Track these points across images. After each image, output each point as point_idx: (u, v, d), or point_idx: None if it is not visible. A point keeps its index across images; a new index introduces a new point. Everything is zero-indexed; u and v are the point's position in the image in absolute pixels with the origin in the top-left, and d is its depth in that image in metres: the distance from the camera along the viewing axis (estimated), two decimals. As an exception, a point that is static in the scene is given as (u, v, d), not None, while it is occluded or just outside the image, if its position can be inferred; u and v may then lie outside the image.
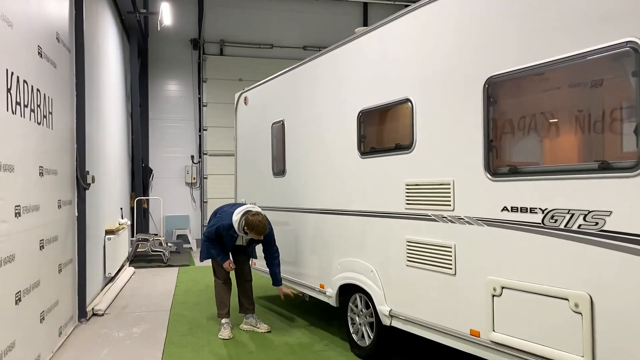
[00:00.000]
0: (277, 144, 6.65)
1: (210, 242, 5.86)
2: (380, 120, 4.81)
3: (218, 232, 5.78)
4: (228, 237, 5.80)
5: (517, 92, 3.52)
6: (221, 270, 5.97)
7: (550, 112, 3.29)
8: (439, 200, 4.00)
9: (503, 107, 3.58)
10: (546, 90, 3.38)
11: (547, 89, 3.37)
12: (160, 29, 13.01)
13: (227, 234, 5.77)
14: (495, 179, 3.52)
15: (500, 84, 3.52)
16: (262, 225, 5.59)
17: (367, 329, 4.98)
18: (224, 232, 5.75)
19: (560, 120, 3.24)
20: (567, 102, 3.27)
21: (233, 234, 5.77)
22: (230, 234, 5.77)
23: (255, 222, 5.56)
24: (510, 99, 3.58)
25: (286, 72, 6.43)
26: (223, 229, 5.74)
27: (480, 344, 3.65)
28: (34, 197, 4.49)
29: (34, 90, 4.55)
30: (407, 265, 4.34)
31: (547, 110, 3.31)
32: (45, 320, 4.83)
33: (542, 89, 3.40)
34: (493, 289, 3.53)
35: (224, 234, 5.77)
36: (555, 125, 3.25)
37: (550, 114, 3.29)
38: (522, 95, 3.51)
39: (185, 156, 14.64)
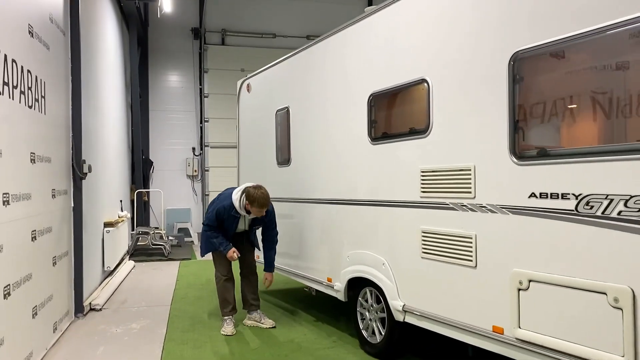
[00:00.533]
0: (282, 132, 6.37)
1: (212, 231, 5.56)
2: (393, 103, 4.53)
3: (219, 217, 5.48)
4: (230, 220, 5.50)
5: (547, 68, 3.23)
6: (222, 265, 5.66)
7: (585, 89, 3.01)
8: (458, 187, 3.72)
9: (531, 85, 3.29)
10: (580, 65, 3.09)
11: (581, 64, 3.09)
12: (161, 16, 12.73)
13: (229, 216, 5.47)
14: (522, 162, 3.24)
15: (527, 59, 3.24)
16: (265, 197, 5.32)
17: (378, 324, 4.71)
18: (225, 215, 5.46)
19: (596, 97, 2.95)
20: (606, 78, 2.97)
21: (235, 215, 5.46)
22: (232, 215, 5.47)
23: (257, 194, 5.30)
24: (539, 76, 3.29)
25: (291, 57, 6.14)
26: (224, 211, 5.45)
27: (504, 341, 3.38)
28: (24, 185, 4.22)
29: (24, 71, 4.27)
30: (422, 258, 4.07)
31: (581, 88, 3.03)
32: (38, 316, 4.57)
33: (576, 64, 3.11)
34: (519, 282, 3.26)
35: (225, 216, 5.47)
36: (591, 103, 2.96)
37: (584, 91, 3.01)
38: (553, 72, 3.21)
39: (187, 148, 14.36)
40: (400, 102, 4.44)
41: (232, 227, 5.59)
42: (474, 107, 3.59)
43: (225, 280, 5.67)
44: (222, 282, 5.68)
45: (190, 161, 14.31)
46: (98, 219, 7.69)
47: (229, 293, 5.67)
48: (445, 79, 3.84)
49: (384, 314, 4.61)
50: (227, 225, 5.55)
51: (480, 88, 3.54)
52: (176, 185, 14.11)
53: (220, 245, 5.54)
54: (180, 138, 14.31)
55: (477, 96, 3.56)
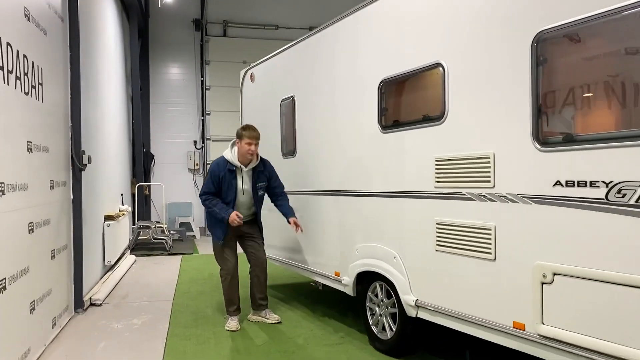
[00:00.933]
0: (287, 122, 6.19)
1: (210, 199, 5.27)
2: (405, 90, 4.34)
3: (215, 178, 5.25)
4: (227, 178, 5.25)
5: (573, 49, 3.04)
6: (228, 261, 5.40)
7: (616, 70, 2.82)
8: (475, 176, 3.53)
9: (555, 67, 3.10)
10: (610, 45, 2.90)
11: (611, 44, 2.89)
12: (161, 7, 12.53)
13: (225, 174, 5.25)
14: (546, 149, 3.05)
15: (552, 40, 3.05)
16: (252, 126, 5.33)
17: (389, 320, 4.54)
18: (221, 172, 5.24)
19: (627, 78, 2.76)
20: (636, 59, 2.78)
21: (230, 168, 5.26)
22: (228, 170, 5.25)
23: (243, 126, 5.36)
24: (565, 57, 3.09)
25: (297, 44, 5.95)
26: (218, 168, 5.27)
27: (526, 337, 3.20)
28: (21, 175, 4.04)
29: (20, 55, 4.09)
30: (436, 251, 3.89)
31: (611, 68, 2.84)
32: (36, 311, 4.40)
33: (605, 44, 2.92)
34: (542, 275, 3.08)
35: (221, 174, 5.24)
36: (622, 85, 2.77)
37: (615, 72, 2.82)
38: (580, 52, 3.02)
39: (188, 141, 14.17)
40: (413, 88, 4.25)
41: (231, 188, 5.28)
42: (493, 91, 3.41)
43: (232, 279, 5.43)
44: (228, 281, 5.42)
45: (192, 154, 14.12)
46: (98, 212, 7.52)
47: (234, 293, 5.44)
48: (462, 63, 3.64)
49: (395, 309, 4.44)
50: (226, 187, 5.27)
51: (500, 71, 3.35)
52: (177, 179, 13.92)
53: (220, 211, 5.21)
54: (182, 131, 14.11)
55: (497, 80, 3.37)
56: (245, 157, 5.28)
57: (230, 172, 5.28)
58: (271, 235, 6.05)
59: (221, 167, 5.28)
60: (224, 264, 5.44)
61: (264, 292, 5.62)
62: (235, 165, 5.29)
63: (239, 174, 5.33)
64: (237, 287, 5.47)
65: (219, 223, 5.32)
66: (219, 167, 5.29)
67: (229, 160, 5.28)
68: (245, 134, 5.24)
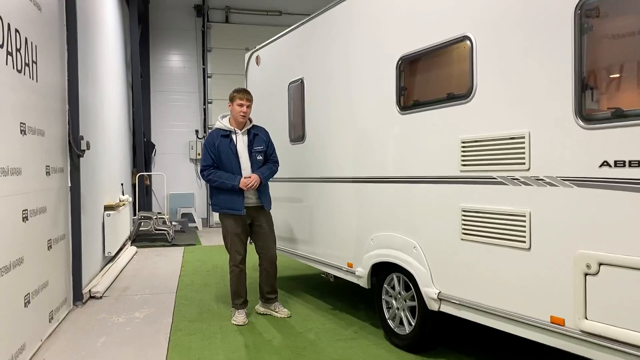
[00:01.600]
0: (295, 106, 5.88)
1: (213, 172, 4.95)
2: (427, 67, 4.03)
3: (210, 148, 4.98)
4: (224, 146, 4.97)
5: (623, 14, 2.74)
6: (236, 251, 5.07)
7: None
8: (508, 158, 3.24)
9: (602, 35, 2.80)
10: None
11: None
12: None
13: (221, 141, 4.98)
14: (592, 126, 2.76)
15: (598, 4, 2.74)
16: (243, 88, 5.28)
17: (408, 314, 4.26)
18: (216, 140, 4.97)
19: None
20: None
21: (224, 134, 5.01)
22: (223, 137, 4.99)
23: (235, 89, 5.19)
24: (613, 24, 2.79)
25: (306, 23, 5.63)
26: (212, 138, 5.03)
27: (565, 333, 2.92)
28: (13, 158, 3.75)
29: (11, 29, 3.78)
30: (462, 240, 3.60)
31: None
32: (31, 304, 4.12)
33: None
34: (586, 265, 2.79)
35: (217, 142, 4.97)
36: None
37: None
38: (631, 18, 2.71)
39: (190, 131, 13.84)
40: (436, 65, 3.95)
41: (231, 156, 4.97)
42: (528, 64, 3.10)
43: (239, 273, 5.13)
44: (236, 273, 5.12)
45: (194, 144, 13.80)
46: (98, 202, 7.24)
47: (242, 286, 5.15)
48: (492, 34, 3.34)
49: (414, 302, 4.16)
50: (225, 157, 4.96)
51: (537, 42, 3.04)
52: (179, 169, 13.62)
53: (228, 180, 4.90)
54: (183, 120, 13.77)
55: (533, 52, 3.07)
56: (237, 120, 5.04)
57: (224, 137, 5.00)
58: (277, 226, 5.75)
59: (214, 136, 5.03)
60: (233, 253, 5.12)
61: (274, 286, 5.33)
62: (229, 129, 5.02)
63: (235, 138, 5.03)
64: (244, 280, 5.19)
65: (231, 196, 4.97)
66: (212, 136, 5.06)
67: (221, 127, 5.04)
68: (236, 95, 5.04)
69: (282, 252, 6.18)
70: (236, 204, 4.97)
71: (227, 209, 5.02)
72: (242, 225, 5.08)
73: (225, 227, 5.09)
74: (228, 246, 5.14)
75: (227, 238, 5.13)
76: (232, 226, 5.05)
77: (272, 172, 5.18)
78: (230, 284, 5.18)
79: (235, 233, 5.06)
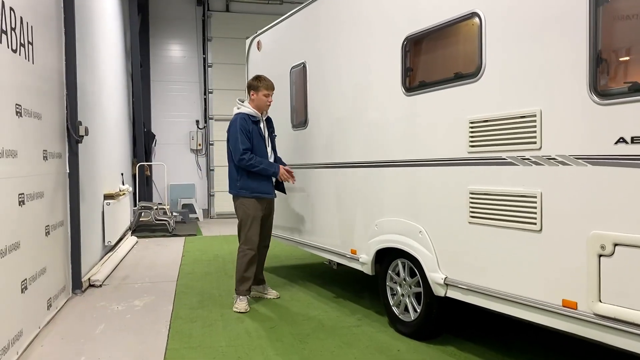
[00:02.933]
0: (297, 91, 5.78)
1: (254, 157, 4.93)
2: (433, 46, 3.92)
3: (246, 133, 4.94)
4: (255, 132, 5.02)
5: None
6: (254, 234, 5.01)
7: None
8: (518, 137, 3.13)
9: (619, 8, 2.68)
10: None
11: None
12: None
13: (253, 127, 5.01)
14: (607, 101, 2.65)
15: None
16: (264, 76, 5.19)
17: (413, 300, 4.17)
18: (249, 126, 4.99)
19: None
20: None
21: (253, 120, 5.04)
22: (253, 123, 5.02)
23: (256, 77, 5.17)
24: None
25: (309, 5, 5.51)
26: (247, 124, 4.97)
27: (578, 317, 2.83)
28: (8, 140, 3.64)
29: (5, 7, 3.67)
30: (469, 223, 3.50)
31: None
32: (28, 290, 4.03)
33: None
34: (600, 246, 2.69)
35: (249, 128, 4.98)
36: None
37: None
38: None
39: (190, 121, 13.72)
40: (443, 44, 3.83)
41: (261, 141, 5.08)
42: (540, 38, 2.99)
43: (252, 257, 5.04)
44: (248, 258, 5.02)
45: (194, 134, 13.69)
46: (97, 190, 7.14)
47: (251, 270, 5.06)
48: (502, 9, 3.22)
49: (419, 288, 4.07)
50: (257, 142, 5.02)
51: (550, 16, 2.93)
52: (180, 160, 13.51)
53: (269, 167, 5.00)
54: (184, 110, 13.65)
55: (545, 25, 2.96)
56: (261, 109, 5.13)
57: (254, 123, 5.05)
58: (278, 214, 5.66)
59: (248, 122, 5.01)
60: (249, 238, 5.04)
61: (262, 266, 5.47)
62: (258, 116, 5.10)
63: (262, 125, 5.14)
64: (254, 266, 5.11)
65: (264, 180, 5.06)
66: (246, 121, 5.01)
67: (251, 113, 5.06)
68: (261, 85, 5.08)
69: (284, 240, 6.10)
70: (268, 187, 5.12)
71: (259, 193, 5.05)
72: (262, 209, 5.09)
73: (247, 209, 5.03)
74: (247, 229, 5.05)
75: (246, 221, 5.05)
76: (255, 209, 5.04)
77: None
78: (239, 268, 5.06)
79: (257, 216, 5.05)
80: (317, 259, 6.61)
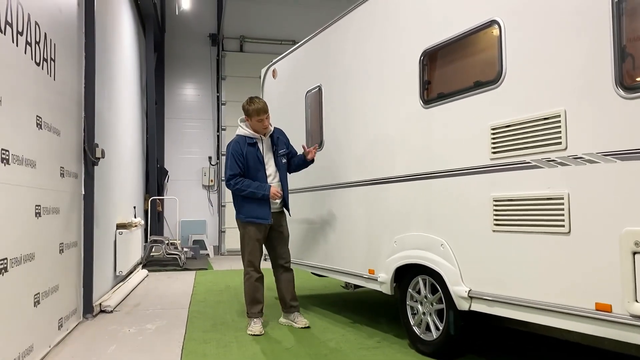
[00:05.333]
0: (313, 114, 5.80)
1: (241, 181, 4.79)
2: (451, 57, 3.93)
3: (237, 157, 4.80)
4: (251, 153, 4.85)
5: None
6: (254, 256, 4.92)
7: None
8: (542, 139, 3.09)
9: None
10: None
11: None
12: (178, 22, 12.39)
13: (248, 149, 4.85)
14: (633, 95, 2.62)
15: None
16: (255, 98, 5.00)
17: (435, 318, 4.03)
18: (243, 149, 4.82)
19: None
20: None
21: (250, 141, 4.88)
22: (249, 145, 4.87)
23: (248, 100, 4.96)
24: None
25: (324, 30, 5.61)
26: (238, 145, 4.85)
27: (613, 320, 2.70)
28: (28, 149, 3.65)
29: (31, 20, 3.75)
30: (494, 231, 3.42)
31: None
32: (40, 305, 3.95)
33: None
34: (634, 243, 2.60)
35: (244, 151, 4.82)
36: None
37: None
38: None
39: (203, 157, 13.80)
40: (461, 55, 3.84)
41: (259, 163, 4.88)
42: (561, 38, 2.99)
43: (257, 279, 4.94)
44: (253, 280, 4.93)
45: (207, 170, 13.74)
46: (110, 218, 7.11)
47: (259, 292, 4.95)
48: (522, 14, 3.24)
49: (441, 304, 3.94)
50: (252, 164, 4.86)
51: (569, 12, 2.94)
52: (191, 196, 13.49)
53: (257, 190, 4.78)
54: (197, 146, 13.76)
55: (565, 23, 2.96)
56: (261, 133, 4.97)
57: (250, 145, 4.89)
58: (294, 239, 5.57)
59: (241, 143, 4.88)
60: (250, 260, 4.94)
61: (293, 292, 5.15)
62: (255, 137, 4.92)
63: (260, 146, 4.95)
64: (262, 286, 4.99)
65: (259, 205, 4.85)
66: (239, 144, 4.87)
67: (247, 134, 4.91)
68: (251, 109, 4.86)
69: (299, 265, 5.98)
70: (264, 212, 4.87)
71: (254, 218, 4.88)
72: (263, 231, 4.96)
73: (247, 232, 4.94)
74: (246, 252, 4.97)
75: (245, 244, 4.96)
76: (254, 232, 4.91)
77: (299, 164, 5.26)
78: (246, 291, 4.98)
79: (257, 239, 4.93)
80: (330, 289, 6.49)
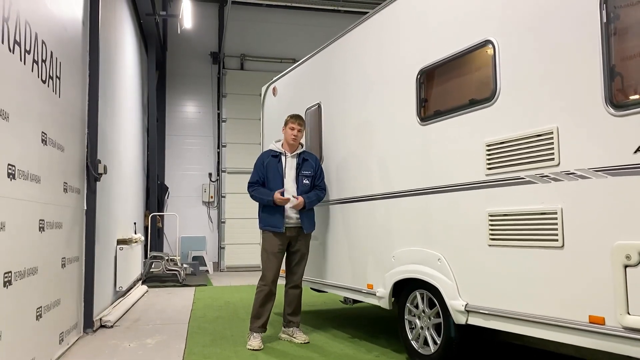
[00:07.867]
0: (312, 131, 5.89)
1: (256, 188, 5.09)
2: (447, 76, 4.03)
3: (259, 167, 5.16)
4: (272, 165, 5.13)
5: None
6: (271, 271, 4.95)
7: None
8: (536, 155, 3.17)
9: (630, 20, 2.79)
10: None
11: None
12: (179, 40, 12.56)
13: (270, 160, 5.16)
14: (623, 112, 2.71)
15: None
16: (297, 114, 5.35)
17: (433, 332, 4.07)
18: (265, 160, 5.17)
19: None
20: None
21: (274, 154, 5.18)
22: (272, 157, 5.17)
23: (290, 114, 5.29)
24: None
25: (323, 49, 5.73)
26: (262, 157, 5.26)
27: (606, 332, 2.76)
28: (33, 164, 3.73)
29: (38, 39, 3.86)
30: (489, 246, 3.48)
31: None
32: (43, 319, 3.99)
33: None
34: (625, 257, 2.67)
35: (265, 161, 5.15)
36: None
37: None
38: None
39: (203, 174, 13.88)
40: (457, 74, 3.94)
41: (277, 175, 5.09)
42: (553, 57, 3.09)
43: (266, 294, 4.96)
44: (262, 294, 4.96)
45: (207, 187, 13.81)
46: (111, 234, 7.16)
47: (263, 307, 4.98)
48: (514, 34, 3.35)
49: (439, 319, 3.99)
50: (272, 175, 5.09)
51: (562, 33, 3.04)
52: (192, 212, 13.55)
53: (263, 196, 5.01)
54: (197, 163, 13.85)
55: (558, 44, 3.06)
56: (289, 143, 5.20)
57: (273, 157, 5.17)
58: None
59: (265, 155, 5.28)
60: (264, 274, 5.00)
61: (294, 308, 5.20)
62: (279, 151, 5.18)
63: (283, 160, 5.17)
64: (271, 302, 5.02)
65: (273, 213, 5.02)
66: (263, 155, 5.32)
67: (273, 148, 5.24)
68: (289, 120, 5.24)
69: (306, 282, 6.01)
70: (277, 221, 5.00)
71: (268, 226, 5.04)
72: (280, 244, 5.02)
73: (264, 243, 5.06)
74: (263, 264, 5.05)
75: (263, 255, 5.06)
76: (270, 244, 5.01)
77: (318, 198, 5.20)
78: (254, 303, 5.01)
79: (272, 252, 5.00)
80: (329, 305, 6.51)
